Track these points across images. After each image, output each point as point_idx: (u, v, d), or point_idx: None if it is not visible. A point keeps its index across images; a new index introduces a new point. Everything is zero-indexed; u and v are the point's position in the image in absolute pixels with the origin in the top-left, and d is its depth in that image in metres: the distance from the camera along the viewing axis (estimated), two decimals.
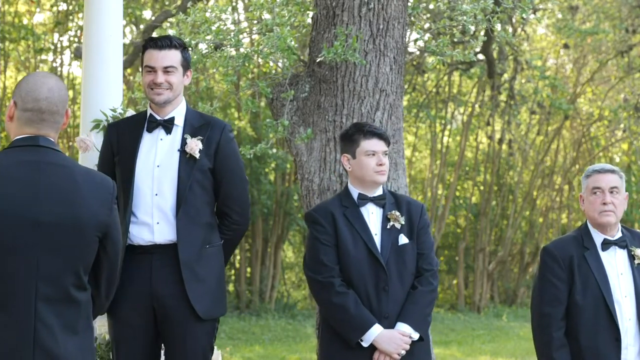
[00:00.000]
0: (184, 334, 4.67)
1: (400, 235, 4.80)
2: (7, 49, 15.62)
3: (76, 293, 3.52)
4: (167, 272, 4.66)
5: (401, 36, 6.15)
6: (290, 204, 17.01)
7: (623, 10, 16.68)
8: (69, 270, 3.49)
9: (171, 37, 4.83)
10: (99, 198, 3.57)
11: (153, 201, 4.68)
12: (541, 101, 17.77)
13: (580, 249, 4.77)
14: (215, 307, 4.75)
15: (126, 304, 4.67)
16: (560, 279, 4.73)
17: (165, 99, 4.73)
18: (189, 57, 4.83)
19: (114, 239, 3.64)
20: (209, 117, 4.91)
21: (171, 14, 13.57)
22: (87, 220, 3.52)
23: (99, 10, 5.31)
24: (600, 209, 4.73)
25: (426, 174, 19.37)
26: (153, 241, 4.68)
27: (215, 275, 4.76)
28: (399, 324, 4.74)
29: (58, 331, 3.46)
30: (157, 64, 4.72)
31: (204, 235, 4.72)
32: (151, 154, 4.74)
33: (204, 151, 4.71)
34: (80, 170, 3.59)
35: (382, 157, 4.81)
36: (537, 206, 19.90)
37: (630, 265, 4.77)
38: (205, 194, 4.74)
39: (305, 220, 4.89)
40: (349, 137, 4.88)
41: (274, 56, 6.21)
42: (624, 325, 4.69)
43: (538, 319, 4.77)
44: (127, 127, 4.84)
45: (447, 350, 13.31)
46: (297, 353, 12.64)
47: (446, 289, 20.15)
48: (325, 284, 4.72)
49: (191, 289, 4.64)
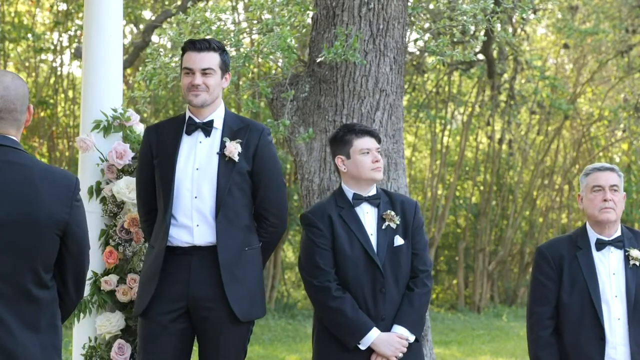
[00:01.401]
0: (220, 335, 4.68)
1: (396, 237, 4.80)
2: (7, 49, 15.62)
3: (37, 291, 3.49)
4: (206, 274, 4.68)
5: (401, 36, 6.16)
6: (290, 204, 17.02)
7: (623, 10, 16.68)
8: (25, 269, 3.46)
9: (210, 40, 4.85)
10: (57, 196, 3.53)
11: (192, 204, 4.70)
12: (541, 101, 17.76)
13: (573, 248, 4.80)
14: (253, 309, 4.76)
15: (161, 304, 4.68)
16: (549, 279, 4.77)
17: (203, 100, 4.74)
18: (228, 60, 4.85)
19: (76, 236, 3.59)
20: (248, 120, 4.93)
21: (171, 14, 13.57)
22: (43, 218, 3.48)
23: (99, 10, 5.31)
24: (600, 206, 4.75)
25: (426, 174, 19.37)
26: (192, 243, 4.70)
27: (254, 278, 4.77)
28: (395, 326, 4.75)
29: (16, 329, 3.43)
30: (195, 66, 4.74)
31: (243, 238, 4.74)
32: (190, 156, 4.76)
33: (243, 154, 4.73)
34: (39, 169, 3.55)
35: (376, 154, 4.83)
36: (537, 206, 19.90)
37: (625, 265, 4.77)
38: (244, 196, 4.76)
39: (301, 222, 4.87)
40: (340, 138, 4.88)
41: (274, 56, 6.22)
42: (611, 325, 4.69)
43: (528, 318, 4.86)
44: (166, 130, 4.85)
45: (447, 350, 13.31)
46: (297, 353, 12.63)
47: (446, 289, 20.15)
48: (321, 288, 4.72)
49: (230, 291, 4.65)
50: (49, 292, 3.55)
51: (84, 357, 5.14)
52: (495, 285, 19.52)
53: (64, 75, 16.07)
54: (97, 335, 5.16)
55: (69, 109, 16.01)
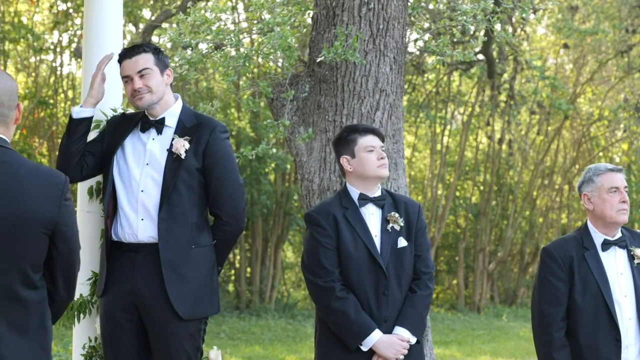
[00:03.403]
0: (166, 333, 4.68)
1: (400, 238, 4.80)
2: (7, 48, 15.62)
3: (24, 292, 3.44)
4: (149, 271, 4.68)
5: (401, 36, 6.15)
6: (290, 204, 17.01)
7: (623, 10, 16.67)
8: (12, 269, 3.41)
9: (140, 44, 4.91)
10: (44, 195, 3.48)
11: (138, 198, 4.72)
12: (541, 101, 17.77)
13: (580, 249, 4.77)
14: (199, 307, 4.74)
15: (112, 301, 4.73)
16: (560, 279, 4.74)
17: (148, 102, 4.78)
18: (163, 58, 4.86)
19: (65, 235, 3.54)
20: (204, 117, 4.93)
21: (171, 14, 13.57)
22: (30, 217, 3.43)
23: (99, 10, 5.30)
24: (618, 207, 4.73)
25: (426, 174, 19.36)
26: (137, 237, 4.71)
27: (201, 276, 4.74)
28: (397, 328, 4.75)
29: (2, 330, 3.39)
30: (131, 71, 4.78)
31: (190, 235, 4.71)
32: (142, 152, 4.79)
33: (192, 151, 4.73)
34: (26, 167, 3.50)
35: (381, 151, 4.84)
36: (537, 206, 19.90)
37: (630, 265, 4.77)
38: (193, 194, 4.75)
39: (305, 221, 4.86)
40: (344, 138, 4.89)
41: (274, 56, 6.21)
42: (624, 325, 4.69)
43: (538, 319, 4.77)
44: (125, 123, 4.90)
45: (447, 350, 13.31)
46: (297, 353, 12.63)
47: (446, 289, 20.15)
48: (325, 288, 4.72)
49: (172, 289, 4.65)
50: (37, 292, 3.50)
51: (84, 357, 5.13)
52: (495, 285, 19.52)
53: (64, 75, 16.07)
54: (97, 335, 5.16)
55: (69, 109, 15.98)
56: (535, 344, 4.83)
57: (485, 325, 16.61)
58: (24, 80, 16.01)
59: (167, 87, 4.85)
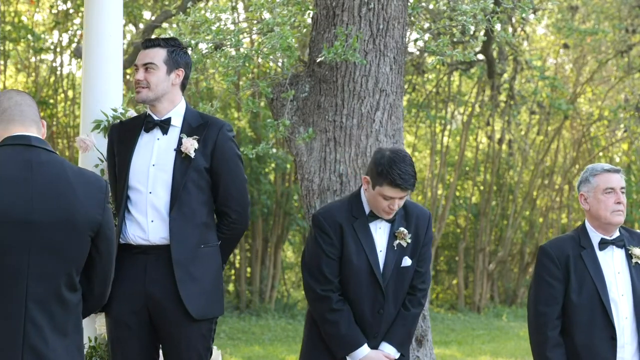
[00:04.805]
0: (178, 334, 4.66)
1: (405, 258, 4.80)
2: (7, 48, 15.62)
3: (67, 294, 3.50)
4: (161, 272, 4.66)
5: (401, 36, 6.15)
6: (290, 204, 17.00)
7: (623, 10, 16.67)
8: (61, 271, 3.46)
9: (162, 37, 4.87)
10: (92, 197, 3.54)
11: (147, 199, 4.69)
12: (541, 101, 17.76)
13: (577, 248, 4.78)
14: (210, 307, 4.74)
15: (121, 304, 4.68)
16: (556, 278, 4.74)
17: (143, 97, 4.76)
18: (179, 57, 4.82)
19: (107, 237, 3.60)
20: (209, 117, 4.91)
21: (171, 14, 13.58)
22: (80, 219, 3.48)
23: (99, 10, 5.31)
24: (613, 209, 4.73)
25: (426, 174, 19.36)
26: (147, 239, 4.68)
27: (211, 276, 4.74)
28: (384, 344, 4.81)
29: (48, 332, 3.44)
30: (140, 62, 4.78)
31: (199, 235, 4.71)
32: (148, 153, 4.76)
33: (201, 151, 4.72)
34: (72, 170, 3.56)
35: (397, 201, 4.70)
36: (537, 206, 19.89)
37: (628, 264, 4.77)
38: (202, 193, 4.74)
39: (312, 223, 4.84)
40: (380, 172, 4.67)
41: (274, 56, 6.21)
42: (620, 324, 4.70)
43: (534, 318, 4.79)
44: (128, 128, 4.87)
45: (447, 350, 13.31)
46: (297, 353, 12.60)
47: (446, 289, 20.14)
48: (323, 297, 4.75)
49: (184, 289, 4.64)
50: (77, 294, 3.56)
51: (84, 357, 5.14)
52: (495, 285, 19.52)
53: (64, 75, 16.07)
54: (97, 335, 5.16)
55: (69, 109, 16.01)
56: (531, 343, 4.85)
57: (485, 325, 16.61)
58: (24, 80, 16.02)
59: (175, 86, 4.82)
